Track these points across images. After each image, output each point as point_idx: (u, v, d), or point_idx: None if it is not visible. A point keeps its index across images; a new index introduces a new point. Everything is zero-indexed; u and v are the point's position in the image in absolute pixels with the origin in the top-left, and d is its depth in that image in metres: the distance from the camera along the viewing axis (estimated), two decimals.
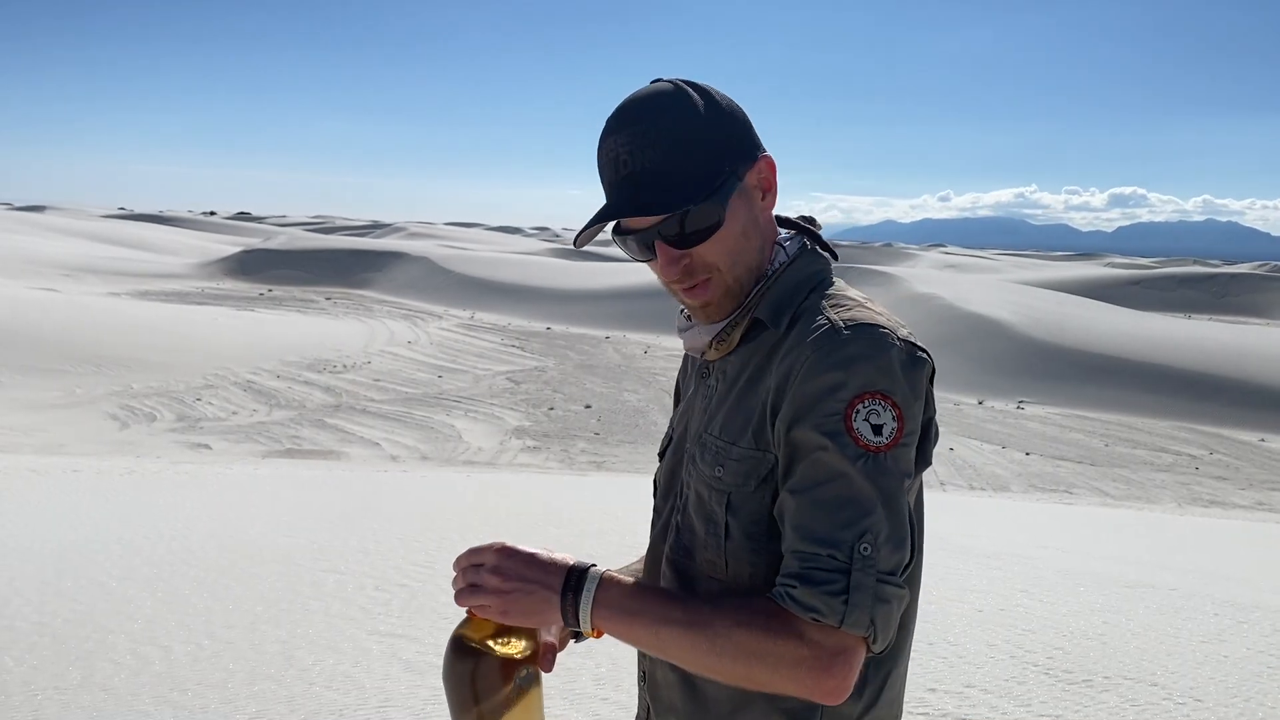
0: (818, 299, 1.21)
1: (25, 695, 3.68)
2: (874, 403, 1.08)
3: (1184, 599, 5.82)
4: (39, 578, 5.41)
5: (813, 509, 1.07)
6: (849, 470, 1.06)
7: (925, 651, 4.27)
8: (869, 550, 1.05)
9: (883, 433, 1.08)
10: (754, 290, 1.25)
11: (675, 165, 1.17)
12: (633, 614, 1.10)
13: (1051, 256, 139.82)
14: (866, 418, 1.08)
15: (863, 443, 1.07)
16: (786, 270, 1.26)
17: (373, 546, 6.19)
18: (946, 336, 33.84)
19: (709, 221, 1.19)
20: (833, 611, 1.03)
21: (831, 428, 1.07)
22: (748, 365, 1.24)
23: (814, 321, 1.16)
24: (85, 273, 54.48)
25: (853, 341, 1.11)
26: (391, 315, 42.30)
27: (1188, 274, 73.81)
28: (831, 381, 1.09)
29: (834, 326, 1.14)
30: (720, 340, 1.26)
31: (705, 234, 1.19)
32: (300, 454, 18.08)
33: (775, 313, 1.22)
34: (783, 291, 1.24)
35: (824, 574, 1.04)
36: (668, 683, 1.29)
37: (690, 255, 1.21)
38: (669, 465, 1.37)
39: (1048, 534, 9.39)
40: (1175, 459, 22.31)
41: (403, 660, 4.09)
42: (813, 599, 1.04)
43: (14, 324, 27.68)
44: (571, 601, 1.11)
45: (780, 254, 1.28)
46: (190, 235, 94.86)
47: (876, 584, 1.05)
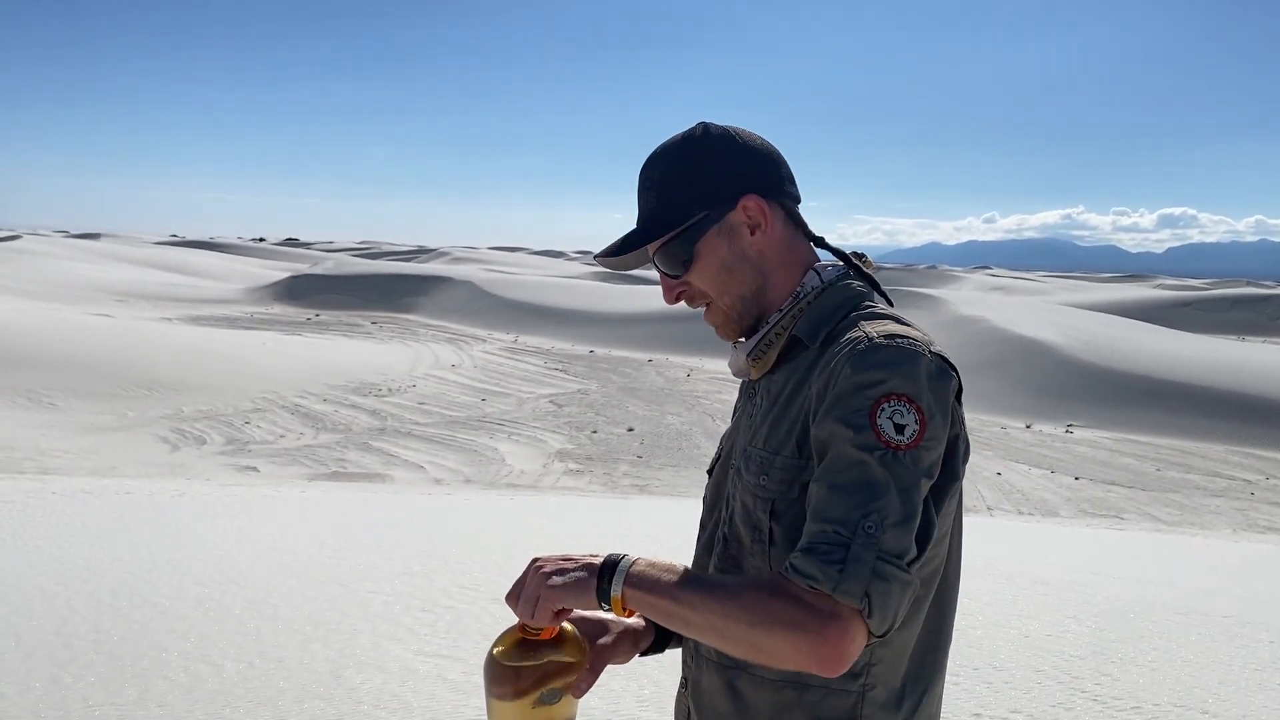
0: (856, 318, 1.30)
1: (84, 711, 3.77)
2: (899, 404, 1.15)
3: (1238, 626, 5.71)
4: (94, 597, 5.53)
5: (829, 493, 1.14)
6: (867, 459, 1.13)
7: (970, 676, 4.23)
8: (873, 529, 1.10)
9: (904, 432, 1.14)
10: (785, 312, 1.36)
11: (658, 209, 1.39)
12: (656, 581, 1.18)
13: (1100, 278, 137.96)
14: (890, 416, 1.14)
15: (884, 438, 1.13)
16: (824, 293, 1.36)
17: (418, 568, 6.25)
18: (992, 359, 33.48)
19: (679, 258, 1.38)
20: (827, 578, 1.08)
21: (857, 422, 1.14)
22: (789, 382, 1.33)
23: (849, 334, 1.25)
24: (138, 298, 55.66)
25: (884, 349, 1.19)
26: (436, 339, 42.71)
27: (1241, 295, 72.41)
28: (862, 381, 1.17)
29: (869, 337, 1.22)
30: (756, 358, 1.38)
31: (680, 268, 1.38)
32: (346, 477, 18.28)
33: (812, 331, 1.32)
34: (820, 312, 1.34)
35: (826, 546, 1.10)
36: (712, 689, 1.35)
37: (687, 284, 1.40)
38: (715, 481, 1.46)
39: (1098, 560, 9.24)
40: (1230, 484, 21.84)
41: (448, 680, 4.14)
42: (810, 566, 1.10)
43: (70, 349, 28.33)
44: (606, 577, 1.20)
45: (814, 279, 1.38)
46: (240, 261, 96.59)
47: (876, 560, 1.09)
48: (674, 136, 1.41)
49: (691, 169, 1.37)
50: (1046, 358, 33.13)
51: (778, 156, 1.40)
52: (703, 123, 1.40)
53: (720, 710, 1.33)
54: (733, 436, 1.45)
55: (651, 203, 1.39)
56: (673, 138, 1.41)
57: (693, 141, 1.38)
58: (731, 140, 1.37)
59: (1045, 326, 36.83)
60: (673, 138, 1.41)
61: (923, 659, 1.28)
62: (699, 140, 1.38)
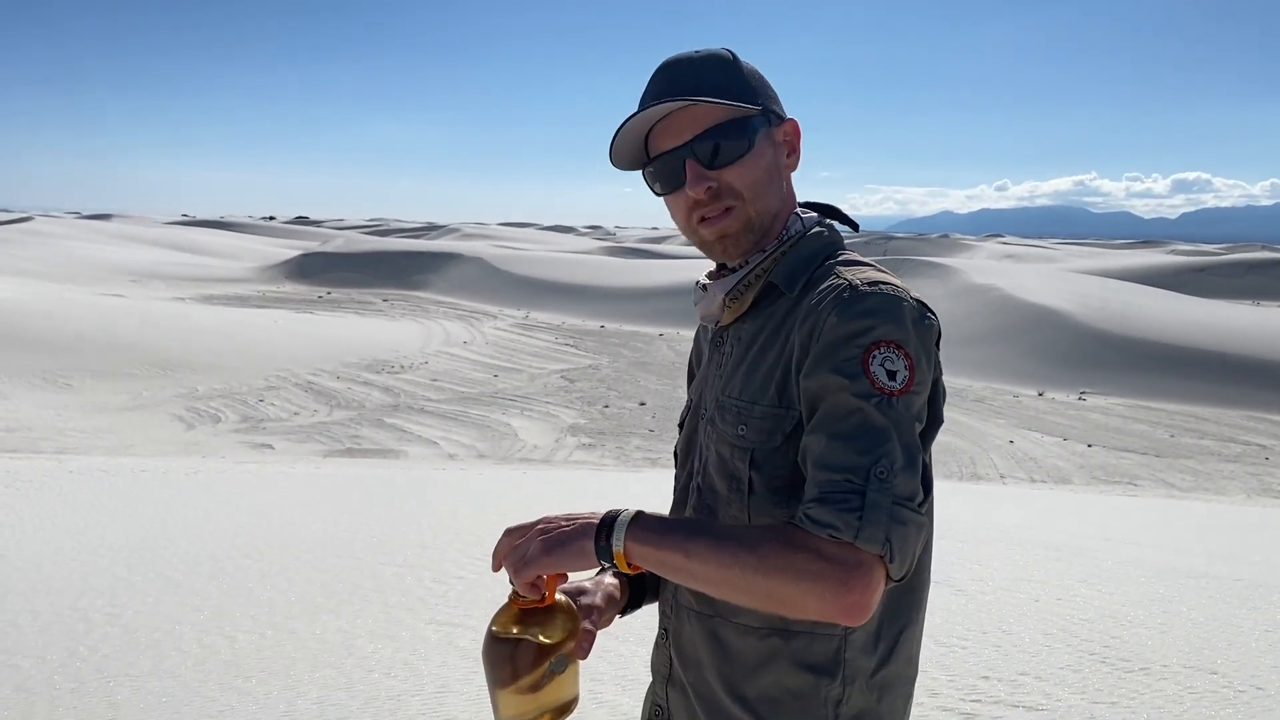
0: (833, 265, 1.28)
1: (99, 682, 3.81)
2: (889, 350, 1.14)
3: (1249, 589, 5.70)
4: (110, 572, 5.59)
5: (831, 441, 1.12)
6: (864, 406, 1.12)
7: (979, 640, 4.24)
8: (885, 474, 1.09)
9: (896, 379, 1.14)
10: (768, 253, 1.33)
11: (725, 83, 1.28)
12: (662, 535, 1.15)
13: (1113, 245, 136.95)
14: (882, 363, 1.14)
15: (878, 385, 1.13)
16: (802, 239, 1.34)
17: (430, 540, 6.29)
18: (1005, 327, 33.33)
19: (740, 144, 1.28)
20: (848, 526, 1.06)
21: (850, 370, 1.13)
22: (763, 330, 1.31)
23: (830, 282, 1.24)
24: (151, 278, 55.86)
25: (870, 297, 1.18)
26: (447, 316, 42.76)
27: (1256, 260, 71.70)
28: (851, 330, 1.16)
29: (851, 284, 1.21)
30: (734, 299, 1.34)
31: (735, 155, 1.28)
32: (360, 453, 18.38)
33: (790, 278, 1.30)
34: (798, 259, 1.31)
35: (841, 495, 1.08)
36: (693, 638, 1.34)
37: (718, 179, 1.28)
38: (687, 433, 1.44)
39: (1110, 526, 9.24)
40: (1244, 449, 21.75)
41: (459, 648, 4.17)
42: (829, 516, 1.07)
43: (84, 330, 28.49)
44: (606, 531, 1.16)
45: (797, 223, 1.35)
46: (251, 240, 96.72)
47: (893, 505, 1.08)
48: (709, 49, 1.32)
49: (748, 72, 1.32)
50: (1059, 325, 32.96)
51: None
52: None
53: (703, 660, 1.33)
54: (701, 387, 1.43)
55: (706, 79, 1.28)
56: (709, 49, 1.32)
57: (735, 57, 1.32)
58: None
59: (1058, 294, 36.62)
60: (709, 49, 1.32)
61: (899, 600, 1.28)
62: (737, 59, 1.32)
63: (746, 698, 1.28)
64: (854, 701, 1.25)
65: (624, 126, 1.29)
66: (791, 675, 1.25)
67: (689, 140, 1.28)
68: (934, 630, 4.39)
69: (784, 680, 1.26)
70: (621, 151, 1.32)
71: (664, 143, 1.30)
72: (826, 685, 1.24)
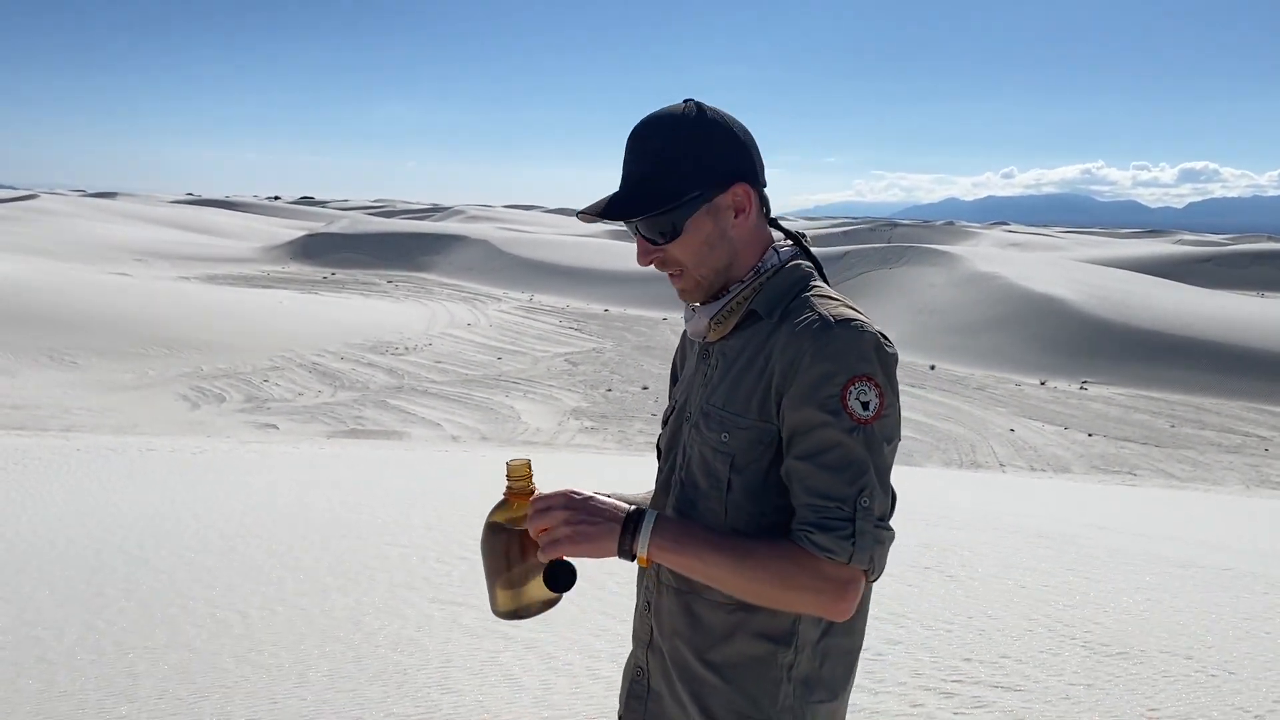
0: (806, 297, 1.48)
1: (118, 654, 3.97)
2: (862, 384, 1.37)
3: (1235, 578, 5.84)
4: (122, 549, 5.75)
5: (820, 471, 1.36)
6: (846, 440, 1.35)
7: (964, 625, 4.39)
8: (867, 503, 1.35)
9: (869, 408, 1.36)
10: (747, 283, 1.52)
11: (652, 180, 1.47)
12: (683, 544, 1.38)
13: (1119, 234, 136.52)
14: (857, 397, 1.36)
15: (856, 417, 1.36)
16: (779, 272, 1.52)
17: (435, 521, 6.44)
18: (1008, 316, 33.41)
19: (666, 230, 1.49)
20: (844, 552, 1.34)
21: (832, 407, 1.36)
22: (745, 349, 1.50)
23: (805, 315, 1.43)
24: (156, 257, 56.00)
25: (843, 333, 1.39)
26: (451, 298, 42.90)
27: (1262, 251, 71.43)
28: (828, 368, 1.37)
29: (823, 320, 1.41)
30: (718, 323, 1.53)
31: (664, 239, 1.49)
32: (364, 434, 18.56)
33: (769, 306, 1.49)
34: (775, 290, 1.51)
35: (836, 522, 1.35)
36: (671, 611, 1.54)
37: (662, 251, 1.51)
38: (671, 431, 1.63)
39: (1106, 515, 9.37)
40: (1244, 440, 21.87)
41: (463, 625, 4.32)
42: (828, 542, 1.34)
43: (90, 308, 28.68)
44: (630, 534, 1.38)
45: (774, 257, 1.54)
46: (256, 220, 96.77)
47: (874, 529, 1.35)
48: (668, 110, 1.49)
49: (691, 149, 1.46)
50: (1062, 314, 33.02)
51: (756, 145, 1.53)
52: (694, 102, 1.49)
53: (679, 629, 1.53)
54: (687, 392, 1.62)
55: (648, 171, 1.47)
56: (667, 111, 1.48)
57: (690, 121, 1.47)
58: (728, 128, 1.49)
59: (1061, 283, 36.65)
60: (667, 111, 1.48)
61: None
62: (696, 121, 1.47)
63: (714, 662, 1.49)
64: (802, 666, 1.47)
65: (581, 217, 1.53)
66: (752, 644, 1.47)
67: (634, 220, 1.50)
68: (921, 614, 4.53)
69: (746, 648, 1.47)
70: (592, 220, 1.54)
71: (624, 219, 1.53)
72: (782, 652, 1.46)
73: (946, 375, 27.96)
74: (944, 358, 30.23)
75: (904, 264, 43.05)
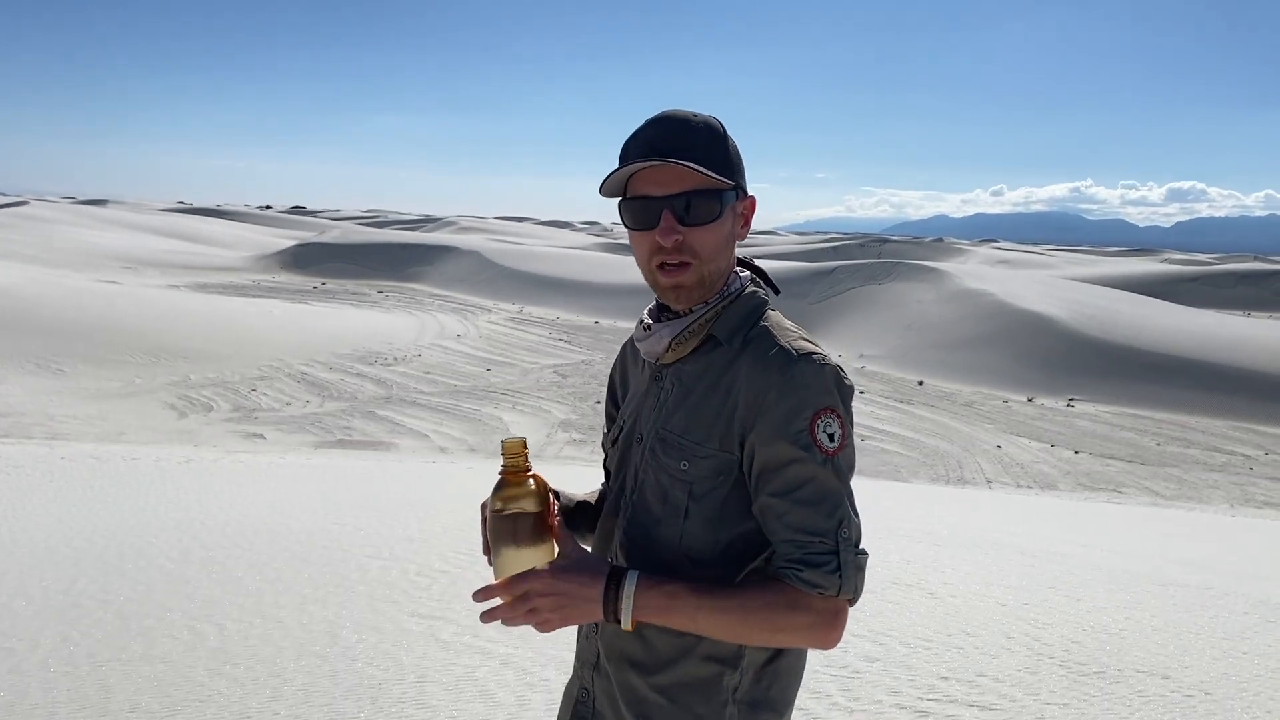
0: (765, 327, 1.49)
1: (91, 666, 3.95)
2: (827, 417, 1.40)
3: (1215, 597, 5.86)
4: (101, 559, 5.71)
5: (798, 507, 1.39)
6: (820, 472, 1.38)
7: (943, 642, 4.39)
8: (847, 534, 1.39)
9: (834, 439, 1.40)
10: (710, 306, 1.52)
11: (712, 154, 1.45)
12: (669, 609, 1.40)
13: (1107, 252, 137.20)
14: (824, 429, 1.39)
15: (825, 450, 1.39)
16: (739, 298, 1.53)
17: (417, 534, 6.42)
18: (995, 333, 33.50)
19: (710, 211, 1.46)
20: (832, 585, 1.38)
21: (803, 442, 1.38)
22: (704, 375, 1.50)
23: (767, 347, 1.45)
24: (146, 265, 55.82)
25: (805, 369, 1.41)
26: (442, 309, 42.84)
27: (1248, 270, 71.87)
28: (795, 404, 1.39)
29: (786, 353, 1.43)
30: (678, 343, 1.52)
31: (705, 219, 1.46)
32: (351, 444, 18.49)
33: (730, 333, 1.50)
34: (736, 316, 1.51)
35: (820, 557, 1.37)
36: (619, 634, 1.52)
37: (685, 235, 1.46)
38: (620, 452, 1.62)
39: (1090, 533, 9.40)
40: (1229, 459, 21.94)
41: (440, 640, 4.31)
42: (817, 578, 1.38)
43: (78, 316, 28.54)
44: (613, 607, 1.40)
45: (736, 281, 1.56)
46: (247, 229, 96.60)
47: (855, 557, 1.39)
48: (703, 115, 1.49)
49: (731, 148, 1.50)
50: (1050, 332, 33.14)
51: None
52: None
53: (628, 651, 1.53)
54: (636, 413, 1.61)
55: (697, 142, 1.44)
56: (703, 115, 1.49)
57: (723, 130, 1.50)
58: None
59: (1048, 300, 36.79)
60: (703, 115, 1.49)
61: None
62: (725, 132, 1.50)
63: (661, 685, 1.49)
64: (746, 688, 1.48)
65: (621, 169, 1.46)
66: (700, 666, 1.47)
67: (672, 194, 1.45)
68: (900, 631, 4.53)
69: (694, 670, 1.48)
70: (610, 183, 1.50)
71: (646, 188, 1.47)
72: (729, 675, 1.47)
73: (934, 391, 28.01)
74: (932, 373, 30.28)
75: (893, 280, 43.14)
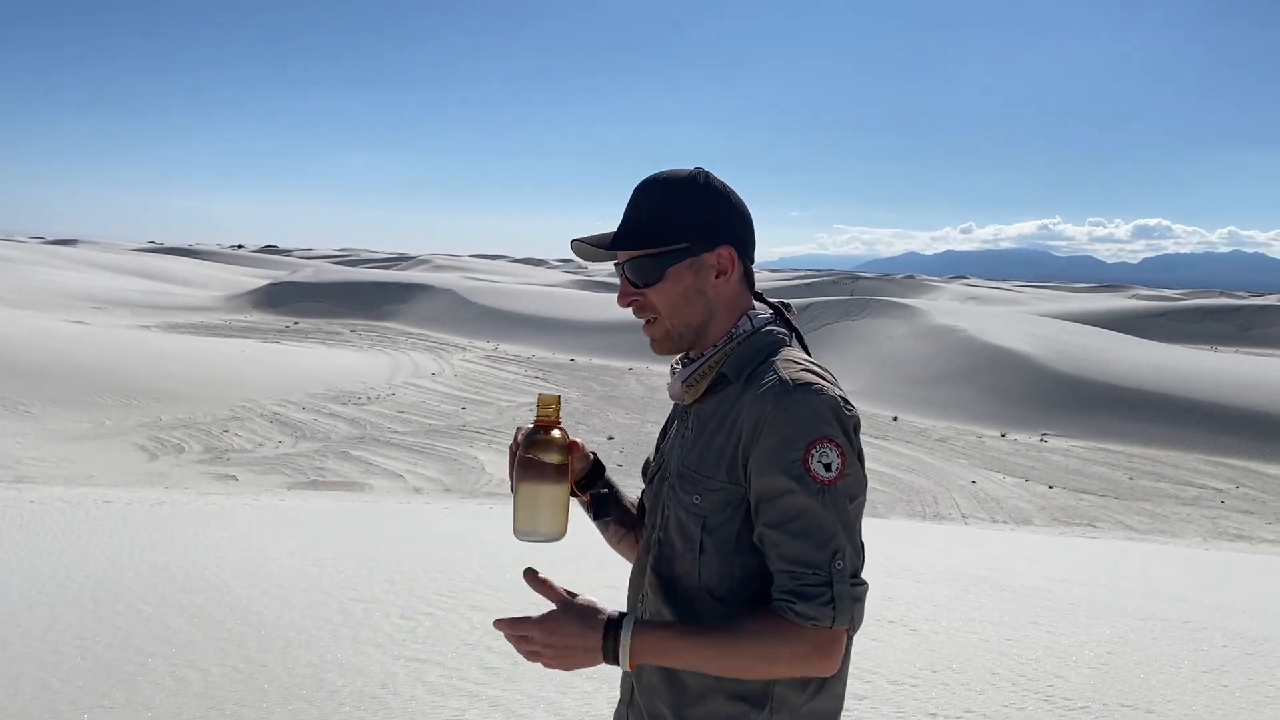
0: (772, 361, 1.52)
1: (73, 714, 3.89)
2: (823, 446, 1.41)
3: (1194, 631, 5.91)
4: (77, 604, 5.63)
5: (792, 539, 1.41)
6: (812, 504, 1.40)
7: (929, 679, 4.41)
8: (841, 565, 1.40)
9: (831, 469, 1.41)
10: (719, 348, 1.58)
11: (647, 225, 1.57)
12: (665, 650, 1.45)
13: (1076, 288, 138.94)
14: (819, 459, 1.40)
15: (819, 479, 1.40)
16: (752, 336, 1.58)
17: (398, 577, 6.38)
18: (967, 368, 33.77)
19: (649, 273, 1.57)
20: (826, 617, 1.40)
21: (796, 472, 1.40)
22: (716, 412, 1.55)
23: (767, 378, 1.48)
24: (116, 305, 55.31)
25: (800, 399, 1.43)
26: (416, 347, 42.68)
27: (1214, 306, 73.07)
28: (790, 433, 1.42)
29: (784, 383, 1.45)
30: (689, 386, 1.59)
31: (645, 283, 1.57)
32: (325, 485, 18.33)
33: (737, 370, 1.54)
34: (744, 355, 1.56)
35: (814, 589, 1.39)
36: (650, 669, 1.57)
37: (641, 295, 1.59)
38: (654, 491, 1.68)
39: (1068, 567, 9.45)
40: (1201, 492, 22.16)
41: (427, 683, 4.28)
42: (810, 610, 1.40)
43: (46, 356, 28.20)
44: (611, 646, 1.45)
45: (747, 323, 1.60)
46: (218, 268, 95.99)
47: (850, 588, 1.40)
48: (677, 170, 1.61)
49: (687, 203, 1.57)
50: (1022, 367, 33.45)
51: (751, 221, 1.63)
52: (703, 169, 1.61)
53: (656, 688, 1.57)
54: (668, 453, 1.67)
55: (643, 215, 1.58)
56: (676, 170, 1.61)
57: (694, 182, 1.58)
58: (726, 196, 1.59)
59: (1021, 336, 37.18)
60: (676, 170, 1.61)
61: None
62: (699, 183, 1.58)
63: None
64: None
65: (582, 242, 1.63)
66: (726, 704, 1.50)
67: (620, 261, 1.61)
68: (886, 669, 4.55)
69: (720, 708, 1.50)
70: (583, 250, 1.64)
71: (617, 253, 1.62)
72: (755, 714, 1.49)
73: (909, 427, 28.16)
74: (906, 409, 30.45)
75: (866, 316, 43.49)
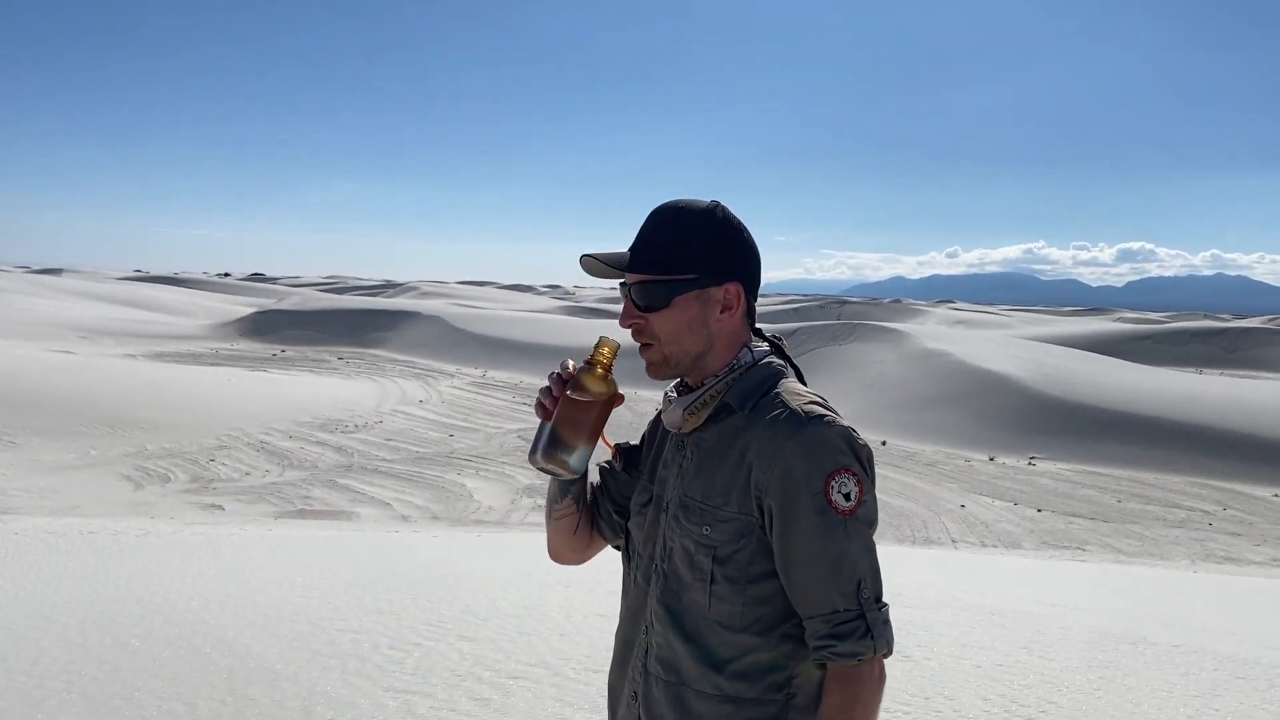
0: (777, 392, 1.56)
1: None
2: (842, 477, 1.44)
3: (1185, 655, 5.91)
4: (63, 637, 5.58)
5: (822, 575, 1.45)
6: (837, 535, 1.44)
7: (922, 706, 4.39)
8: (867, 594, 1.44)
9: (850, 498, 1.44)
10: (721, 378, 1.61)
11: (660, 251, 1.61)
12: None
13: (1061, 312, 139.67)
14: (839, 490, 1.44)
15: (840, 510, 1.43)
16: (754, 368, 1.61)
17: (386, 607, 6.33)
18: (956, 392, 33.86)
19: (655, 301, 1.60)
20: (868, 649, 1.46)
21: (818, 505, 1.43)
22: (719, 441, 1.58)
23: (777, 410, 1.51)
24: (101, 335, 55.06)
25: (817, 432, 1.47)
26: (404, 374, 42.60)
27: (1198, 328, 73.57)
28: (809, 467, 1.45)
29: (794, 414, 1.49)
30: (691, 414, 1.61)
31: (656, 307, 1.61)
32: (312, 514, 18.22)
33: (741, 400, 1.57)
34: (749, 385, 1.58)
35: (849, 626, 1.44)
36: (661, 701, 1.57)
37: (644, 319, 1.62)
38: (649, 520, 1.68)
39: (1057, 591, 9.45)
40: (1188, 515, 22.21)
41: (417, 715, 4.24)
42: (852, 647, 1.45)
43: (31, 386, 28.02)
44: None
45: (747, 355, 1.63)
46: (205, 296, 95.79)
47: (878, 611, 1.45)
48: (696, 201, 1.64)
49: (702, 236, 1.60)
50: (1009, 391, 33.55)
51: (760, 260, 1.66)
52: (720, 203, 1.64)
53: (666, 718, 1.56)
54: (663, 483, 1.68)
55: (660, 241, 1.61)
56: (695, 201, 1.65)
57: (710, 215, 1.62)
58: (740, 232, 1.63)
59: (1008, 360, 37.31)
60: (695, 201, 1.65)
61: None
62: (716, 217, 1.61)
63: None
64: None
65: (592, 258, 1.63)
66: None
67: (628, 283, 1.65)
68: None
69: None
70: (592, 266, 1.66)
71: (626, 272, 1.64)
72: None
73: (898, 451, 28.18)
74: (894, 434, 30.49)
75: (854, 340, 43.61)
